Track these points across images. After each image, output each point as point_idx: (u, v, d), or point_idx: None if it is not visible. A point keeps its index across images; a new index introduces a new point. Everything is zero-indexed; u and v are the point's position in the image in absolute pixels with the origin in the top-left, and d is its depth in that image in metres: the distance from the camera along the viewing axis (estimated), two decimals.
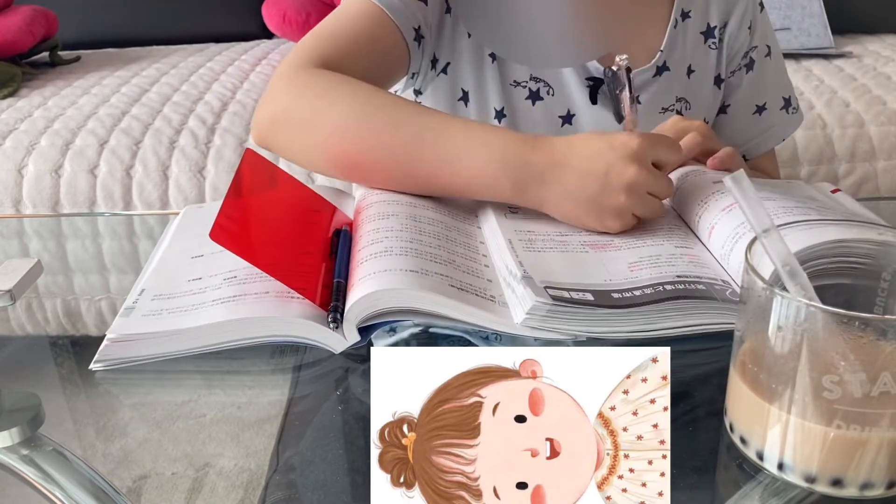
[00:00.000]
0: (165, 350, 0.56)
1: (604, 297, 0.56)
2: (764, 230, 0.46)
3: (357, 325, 0.56)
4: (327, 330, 0.56)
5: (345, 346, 0.56)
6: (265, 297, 0.58)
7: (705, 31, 0.90)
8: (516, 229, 0.65)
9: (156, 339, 0.56)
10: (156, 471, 0.48)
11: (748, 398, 0.45)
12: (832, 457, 0.43)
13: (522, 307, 0.55)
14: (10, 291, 0.65)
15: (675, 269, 0.59)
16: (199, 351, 0.56)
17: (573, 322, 0.55)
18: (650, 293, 0.56)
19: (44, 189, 1.68)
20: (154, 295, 0.61)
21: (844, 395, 0.41)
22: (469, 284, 0.58)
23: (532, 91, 0.89)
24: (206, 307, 0.58)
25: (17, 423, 0.49)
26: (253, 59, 2.26)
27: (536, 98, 0.89)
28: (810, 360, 0.42)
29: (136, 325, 0.57)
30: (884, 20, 2.35)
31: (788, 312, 0.42)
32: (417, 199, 0.69)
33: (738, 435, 0.47)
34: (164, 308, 0.59)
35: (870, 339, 0.41)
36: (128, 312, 0.59)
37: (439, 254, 0.60)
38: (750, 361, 0.46)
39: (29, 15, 2.21)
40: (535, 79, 0.88)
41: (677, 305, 0.55)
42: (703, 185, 0.68)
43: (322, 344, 0.56)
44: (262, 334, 0.56)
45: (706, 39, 0.90)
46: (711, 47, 0.90)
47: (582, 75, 0.87)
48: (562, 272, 0.59)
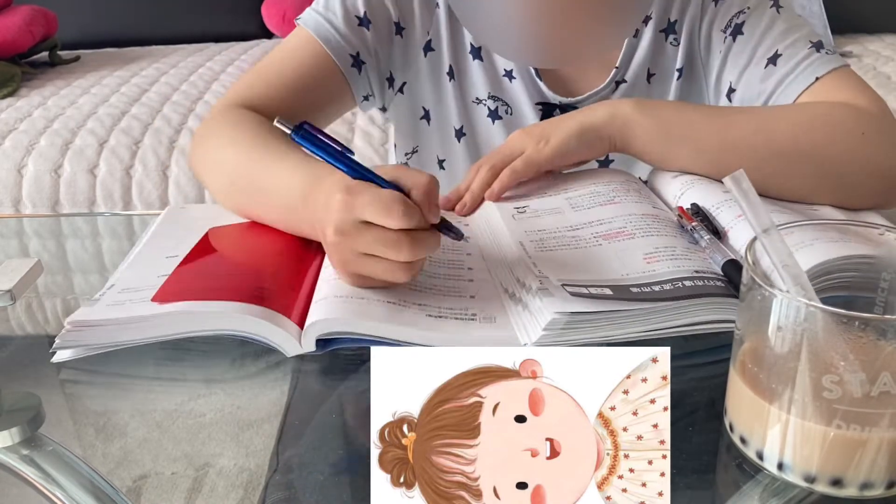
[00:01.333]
0: (122, 338, 0.56)
1: (622, 292, 0.55)
2: (764, 230, 0.46)
3: (319, 338, 0.56)
4: (283, 332, 0.55)
5: (299, 351, 0.56)
6: (231, 293, 0.58)
7: (665, 28, 0.87)
8: (526, 230, 0.65)
9: (113, 326, 0.56)
10: (156, 471, 0.48)
11: (748, 398, 0.45)
12: (832, 457, 0.43)
13: (539, 322, 0.53)
14: (10, 291, 0.65)
15: (693, 263, 0.59)
16: (155, 340, 0.56)
17: (589, 331, 0.53)
18: (669, 289, 0.55)
19: (43, 189, 1.68)
20: (122, 289, 0.61)
21: (844, 395, 0.41)
22: (449, 308, 0.57)
23: (491, 110, 0.89)
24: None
25: (17, 423, 0.49)
26: (253, 59, 2.26)
27: (496, 117, 0.89)
28: (810, 360, 0.42)
29: (97, 313, 0.57)
30: (884, 20, 2.36)
31: (788, 312, 0.42)
32: None
33: (738, 435, 0.47)
34: (129, 299, 0.59)
35: (869, 338, 0.41)
36: (93, 303, 0.59)
37: (421, 280, 0.60)
38: (750, 361, 0.46)
39: (28, 15, 2.21)
40: (493, 97, 0.89)
41: (695, 303, 0.55)
42: (712, 192, 0.68)
43: (276, 345, 0.56)
44: (218, 327, 0.56)
45: (666, 37, 0.87)
46: (672, 44, 0.87)
47: (534, 98, 0.87)
48: (577, 271, 0.58)
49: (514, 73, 0.87)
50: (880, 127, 0.71)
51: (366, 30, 0.84)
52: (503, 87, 0.88)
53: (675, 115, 0.71)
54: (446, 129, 0.91)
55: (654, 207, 0.68)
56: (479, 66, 0.88)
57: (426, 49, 0.88)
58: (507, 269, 0.60)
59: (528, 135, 0.73)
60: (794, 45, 0.79)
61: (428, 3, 0.86)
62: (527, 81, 0.87)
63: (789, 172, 0.69)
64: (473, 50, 0.87)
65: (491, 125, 0.89)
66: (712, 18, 0.84)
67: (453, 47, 0.88)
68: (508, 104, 0.88)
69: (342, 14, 0.83)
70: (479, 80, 0.88)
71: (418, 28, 0.87)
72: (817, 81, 0.76)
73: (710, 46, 0.85)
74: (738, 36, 0.82)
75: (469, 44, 0.87)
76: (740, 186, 0.47)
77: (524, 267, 0.58)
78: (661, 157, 0.72)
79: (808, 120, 0.71)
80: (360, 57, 0.84)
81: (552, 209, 0.68)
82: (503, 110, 0.89)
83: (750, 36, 0.81)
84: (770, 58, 0.80)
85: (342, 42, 0.83)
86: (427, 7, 0.86)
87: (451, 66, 0.88)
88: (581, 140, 0.71)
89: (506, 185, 0.71)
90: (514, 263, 0.60)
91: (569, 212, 0.68)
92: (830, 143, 0.69)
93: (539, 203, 0.70)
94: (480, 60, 0.88)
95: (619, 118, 0.71)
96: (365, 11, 0.84)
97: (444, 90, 0.89)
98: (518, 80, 0.87)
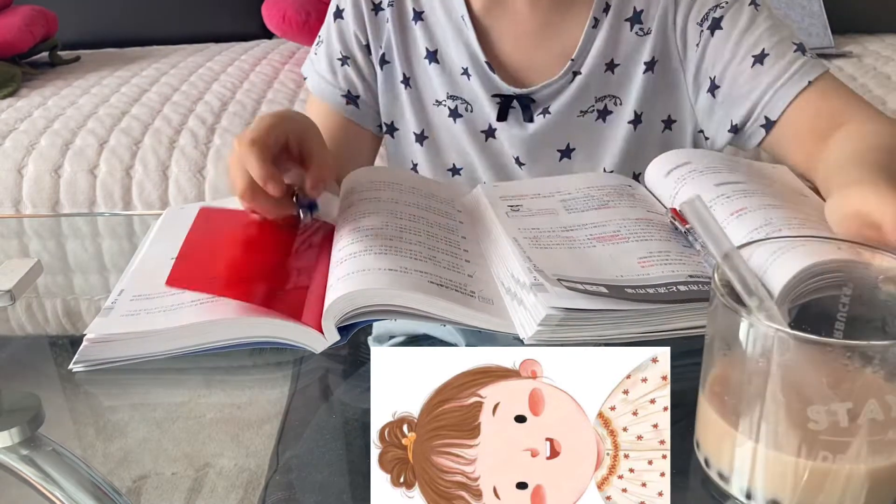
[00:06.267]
0: (143, 351, 0.55)
1: (618, 292, 0.55)
2: (724, 255, 0.45)
3: (336, 324, 0.55)
4: (307, 330, 0.55)
5: (325, 345, 0.55)
6: (242, 291, 0.57)
7: (630, 17, 0.86)
8: (520, 227, 0.65)
9: (133, 339, 0.55)
10: (156, 471, 0.48)
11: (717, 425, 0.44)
12: (801, 486, 0.42)
13: (534, 318, 0.53)
14: (10, 291, 0.65)
15: (687, 268, 0.59)
16: (178, 353, 0.55)
17: (585, 329, 0.53)
18: (664, 293, 0.55)
19: (44, 189, 1.68)
20: (133, 296, 0.61)
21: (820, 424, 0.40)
22: (449, 280, 0.57)
23: (451, 109, 0.90)
24: (185, 307, 0.57)
25: (17, 423, 0.49)
26: (253, 58, 2.26)
27: (457, 115, 0.90)
28: (779, 386, 0.41)
29: (115, 326, 0.56)
30: (884, 20, 2.35)
31: (756, 336, 0.41)
32: (399, 194, 0.70)
33: (704, 456, 0.46)
34: (143, 308, 0.58)
35: (840, 362, 0.40)
36: (106, 312, 0.58)
37: (419, 250, 0.60)
38: (717, 385, 0.45)
39: (28, 15, 2.21)
40: (451, 97, 0.90)
41: (690, 307, 0.55)
42: (706, 188, 0.68)
43: (302, 345, 0.55)
44: (241, 336, 0.55)
45: (632, 26, 0.86)
46: (638, 33, 0.86)
47: (489, 92, 0.88)
48: (572, 268, 0.58)
49: (469, 69, 0.88)
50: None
51: (348, 67, 0.91)
52: (461, 86, 0.89)
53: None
54: (407, 136, 0.93)
55: (649, 212, 0.68)
56: (435, 69, 0.89)
57: (381, 63, 0.91)
58: (501, 264, 0.61)
59: None
60: (781, 45, 0.79)
61: (378, 20, 0.90)
62: (482, 76, 0.88)
63: None
64: (429, 55, 0.89)
65: (452, 124, 0.91)
66: (687, 11, 0.84)
67: (405, 56, 0.90)
68: (468, 101, 0.89)
69: (326, 63, 0.91)
70: (437, 83, 0.90)
71: (373, 45, 0.90)
72: (811, 85, 0.77)
73: (685, 39, 0.85)
74: (717, 31, 0.82)
75: (424, 48, 0.89)
76: (696, 212, 0.47)
77: (519, 262, 0.58)
78: None
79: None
80: (352, 93, 0.91)
81: (545, 209, 0.69)
82: (463, 108, 0.90)
83: (729, 31, 0.81)
84: (756, 56, 0.80)
85: (333, 88, 0.91)
86: (378, 24, 0.90)
87: (405, 74, 0.90)
88: None
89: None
90: (508, 258, 0.60)
91: (562, 213, 0.68)
92: None
93: (532, 203, 0.70)
94: (437, 63, 0.89)
95: None
96: (341, 50, 0.91)
97: (400, 99, 0.92)
98: (474, 77, 0.88)
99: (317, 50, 0.93)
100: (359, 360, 0.57)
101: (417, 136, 0.92)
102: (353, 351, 0.57)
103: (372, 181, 0.72)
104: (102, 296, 0.71)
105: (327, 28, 0.92)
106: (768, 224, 0.58)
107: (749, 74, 0.80)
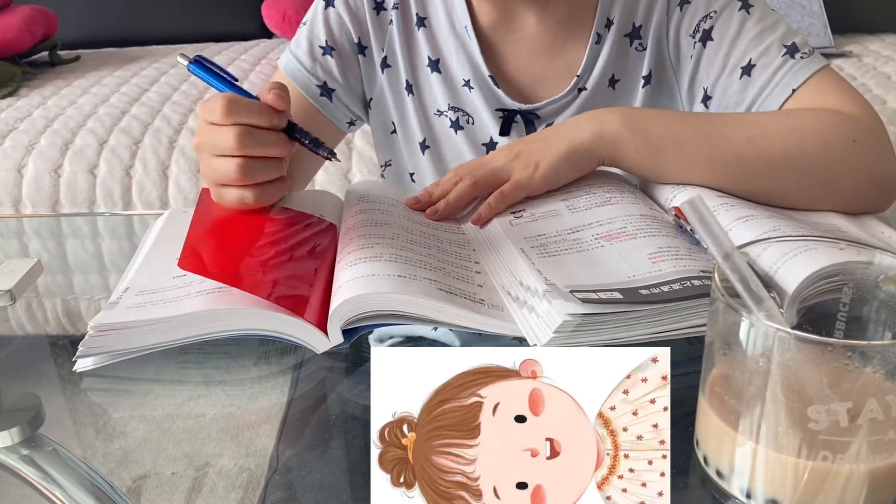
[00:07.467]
0: (149, 341, 0.55)
1: (632, 295, 0.54)
2: (724, 255, 0.45)
3: (342, 326, 0.55)
4: (310, 328, 0.55)
5: (328, 346, 0.55)
6: (251, 283, 0.57)
7: (630, 32, 0.86)
8: (525, 236, 0.64)
9: (139, 328, 0.55)
10: (156, 471, 0.48)
11: (717, 426, 0.44)
12: (801, 486, 0.42)
13: (549, 325, 0.52)
14: (10, 291, 0.65)
15: (698, 263, 0.58)
16: (182, 342, 0.56)
17: (600, 333, 0.53)
18: (678, 289, 0.55)
19: (43, 189, 1.68)
20: (138, 291, 0.61)
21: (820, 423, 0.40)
22: (459, 289, 0.57)
23: (452, 121, 0.89)
24: (191, 297, 0.57)
25: (17, 423, 0.49)
26: (253, 58, 2.26)
27: (458, 127, 0.89)
28: (779, 385, 0.41)
29: (121, 316, 0.56)
30: (884, 20, 2.36)
31: (756, 336, 0.41)
32: (410, 212, 0.70)
33: (703, 456, 0.46)
34: (148, 301, 0.58)
35: (840, 361, 0.40)
36: (112, 306, 0.58)
37: (429, 261, 0.60)
38: (718, 385, 0.45)
39: (28, 14, 2.21)
40: (453, 108, 0.89)
41: (704, 303, 0.54)
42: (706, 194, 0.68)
43: (304, 342, 0.56)
44: (246, 327, 0.55)
45: (631, 42, 0.86)
46: (637, 49, 0.86)
47: (493, 106, 0.87)
48: (584, 275, 0.57)
49: (471, 82, 0.87)
50: (869, 133, 0.71)
51: (330, 57, 0.88)
52: (462, 98, 0.89)
53: (664, 129, 0.70)
54: (412, 142, 0.92)
55: (651, 209, 0.67)
56: (437, 78, 0.89)
57: (383, 66, 0.90)
58: (509, 275, 0.60)
59: (514, 157, 0.71)
60: (767, 53, 0.78)
61: (381, 21, 0.88)
62: (484, 90, 0.87)
63: (782, 182, 0.68)
64: (431, 63, 0.88)
65: (454, 135, 0.90)
66: (678, 24, 0.84)
67: (409, 62, 0.89)
68: (469, 114, 0.89)
69: (307, 48, 0.89)
70: (439, 93, 0.89)
71: (374, 45, 0.89)
72: (795, 93, 0.76)
73: (679, 52, 0.85)
74: (708, 42, 0.82)
75: (427, 57, 0.88)
76: (697, 211, 0.46)
77: (529, 274, 0.57)
78: (652, 173, 0.72)
79: (800, 128, 0.70)
80: (328, 86, 0.89)
81: (549, 212, 0.68)
82: (464, 120, 0.89)
83: (720, 42, 0.81)
84: (744, 67, 0.79)
85: (308, 75, 0.88)
86: (380, 24, 0.89)
87: (408, 81, 0.90)
88: (570, 162, 0.70)
89: (495, 212, 0.70)
90: (516, 267, 0.60)
91: (567, 214, 0.68)
92: (822, 151, 0.69)
93: (535, 207, 0.70)
94: (439, 73, 0.89)
95: (606, 137, 0.70)
96: (326, 39, 0.88)
97: (404, 105, 0.91)
98: (476, 90, 0.87)
99: (299, 32, 0.90)
100: (359, 359, 0.57)
101: (421, 145, 0.91)
102: (353, 350, 0.57)
103: (385, 195, 0.73)
104: (103, 296, 0.71)
105: (314, 13, 0.90)
106: (777, 230, 0.58)
107: (738, 87, 0.80)
